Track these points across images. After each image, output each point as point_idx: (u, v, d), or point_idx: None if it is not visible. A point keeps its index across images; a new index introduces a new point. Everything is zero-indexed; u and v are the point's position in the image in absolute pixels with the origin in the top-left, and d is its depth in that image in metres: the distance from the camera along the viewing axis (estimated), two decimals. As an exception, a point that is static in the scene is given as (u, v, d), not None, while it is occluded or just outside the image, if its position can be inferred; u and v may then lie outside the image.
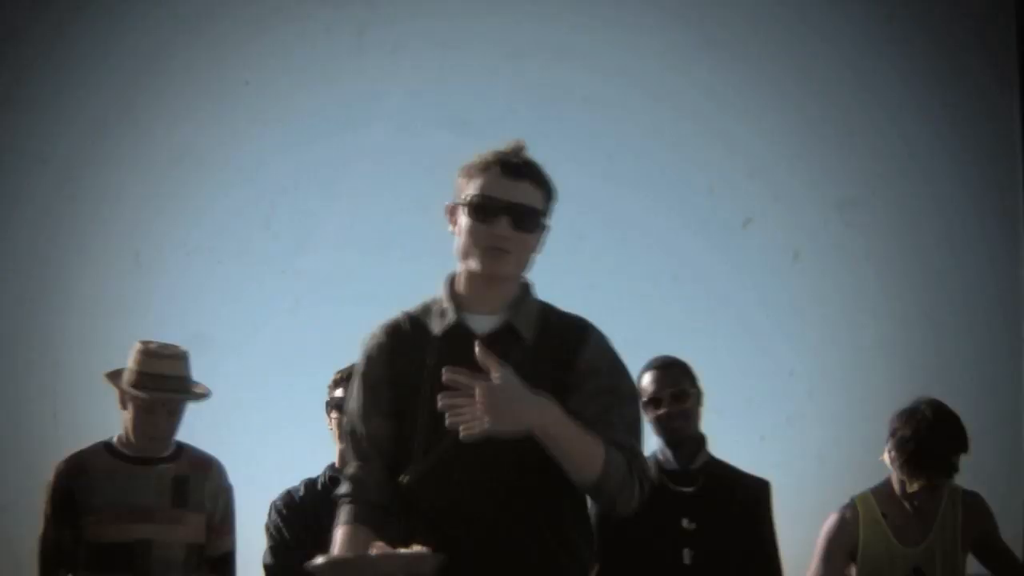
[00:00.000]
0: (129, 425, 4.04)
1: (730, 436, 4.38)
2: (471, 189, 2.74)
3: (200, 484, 4.07)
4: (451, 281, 2.81)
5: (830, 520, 3.93)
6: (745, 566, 3.81)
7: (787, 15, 5.82)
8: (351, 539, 2.66)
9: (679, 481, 3.88)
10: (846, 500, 3.99)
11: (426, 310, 2.81)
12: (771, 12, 5.83)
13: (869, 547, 3.84)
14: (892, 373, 5.29)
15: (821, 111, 5.88)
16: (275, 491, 3.98)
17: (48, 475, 4.00)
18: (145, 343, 4.10)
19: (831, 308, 5.92)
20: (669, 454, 3.95)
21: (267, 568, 3.85)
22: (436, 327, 2.75)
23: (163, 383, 4.03)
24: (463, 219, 2.73)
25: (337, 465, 3.81)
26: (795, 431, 5.35)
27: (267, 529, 3.90)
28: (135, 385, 4.01)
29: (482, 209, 2.71)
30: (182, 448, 4.13)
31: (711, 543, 3.78)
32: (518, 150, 2.80)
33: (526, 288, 2.83)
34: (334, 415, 3.91)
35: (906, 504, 3.79)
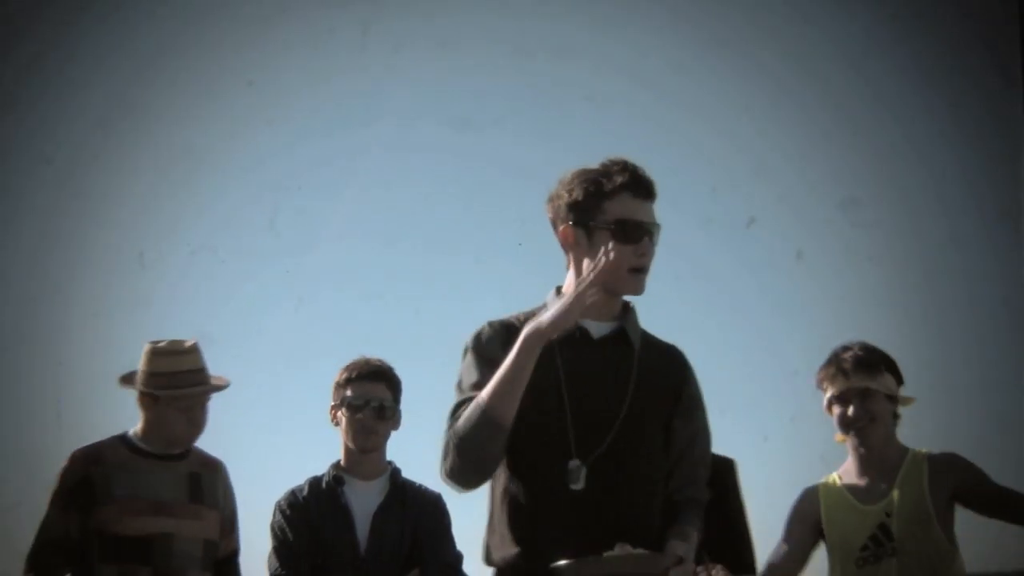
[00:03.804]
0: (160, 424, 4.03)
1: (733, 436, 4.38)
2: (614, 212, 2.85)
3: (212, 482, 4.09)
4: (557, 293, 2.97)
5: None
6: (715, 548, 3.79)
7: (791, 16, 5.82)
8: None
9: None
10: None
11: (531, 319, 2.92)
12: (774, 13, 5.83)
13: (831, 511, 3.82)
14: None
15: (824, 111, 5.89)
16: (279, 490, 3.99)
17: (62, 462, 3.99)
18: (155, 343, 4.10)
19: (834, 307, 5.93)
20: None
21: (271, 568, 3.86)
22: None
23: (194, 378, 4.05)
24: (604, 240, 2.82)
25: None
26: (798, 431, 5.35)
27: (272, 529, 3.90)
28: (169, 386, 4.01)
29: (629, 233, 2.84)
30: (190, 448, 4.14)
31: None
32: (639, 168, 2.91)
33: (627, 300, 3.01)
34: (342, 413, 3.92)
35: (859, 464, 3.76)
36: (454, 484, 2.81)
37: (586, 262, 2.82)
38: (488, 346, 2.89)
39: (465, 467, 2.76)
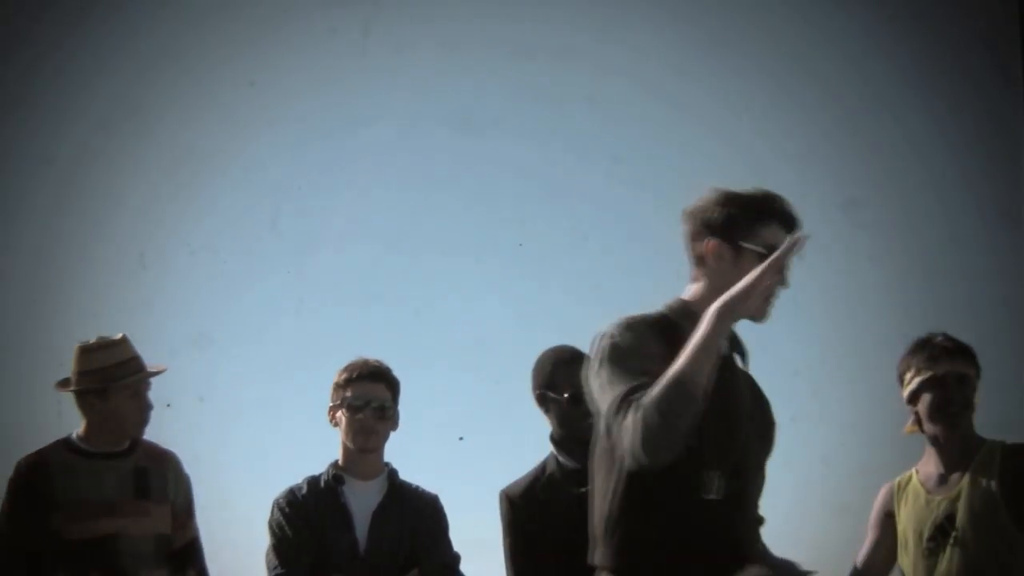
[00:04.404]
0: (113, 418, 4.04)
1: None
2: (766, 239, 2.95)
3: (160, 475, 4.09)
4: (684, 303, 3.02)
5: None
6: None
7: (791, 15, 5.82)
8: None
9: (583, 481, 3.84)
10: (849, 500, 3.99)
11: (667, 319, 3.00)
12: (775, 12, 5.84)
13: (903, 503, 3.82)
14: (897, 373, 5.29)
15: (824, 112, 5.89)
16: (277, 490, 3.99)
17: (10, 473, 4.00)
18: (84, 343, 4.12)
19: (836, 308, 5.92)
20: (563, 456, 3.91)
21: (269, 566, 3.86)
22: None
23: (136, 364, 4.07)
24: (751, 262, 2.90)
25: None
26: (798, 431, 5.34)
27: (269, 526, 3.91)
28: (116, 377, 4.02)
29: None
30: (137, 441, 4.14)
31: None
32: (786, 202, 3.02)
33: None
34: (342, 413, 3.93)
35: (938, 454, 3.74)
36: (648, 458, 2.74)
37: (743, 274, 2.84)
38: (640, 336, 2.91)
39: (661, 441, 2.72)
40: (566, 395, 3.84)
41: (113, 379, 4.04)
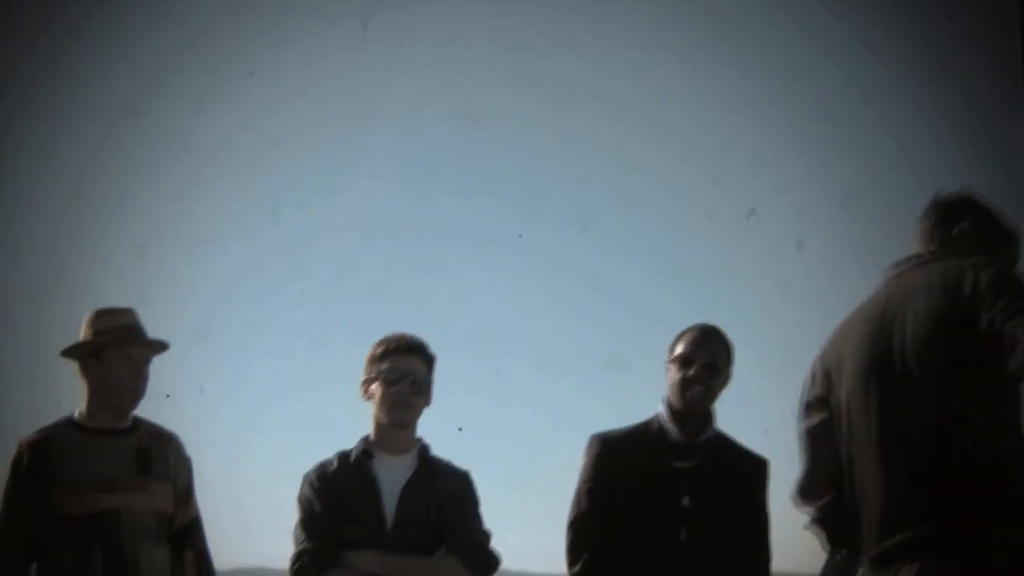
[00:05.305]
0: (106, 383, 4.05)
1: (734, 428, 4.37)
2: None
3: (162, 454, 4.09)
4: None
5: None
6: (737, 543, 3.81)
7: (791, 11, 5.82)
8: None
9: (681, 455, 3.86)
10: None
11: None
12: (775, 8, 5.83)
13: None
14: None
15: (825, 105, 5.88)
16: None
17: (12, 453, 4.00)
18: (95, 310, 4.13)
19: (835, 298, 5.92)
20: (675, 425, 3.92)
21: (297, 540, 3.84)
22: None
23: (136, 333, 4.08)
24: None
25: None
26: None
27: (299, 501, 3.88)
28: (114, 341, 4.03)
29: None
30: (139, 421, 4.15)
31: (707, 521, 3.79)
32: None
33: None
34: (376, 386, 3.85)
35: None
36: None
37: None
38: None
39: None
40: (692, 365, 3.86)
41: (108, 343, 4.05)
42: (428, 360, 3.90)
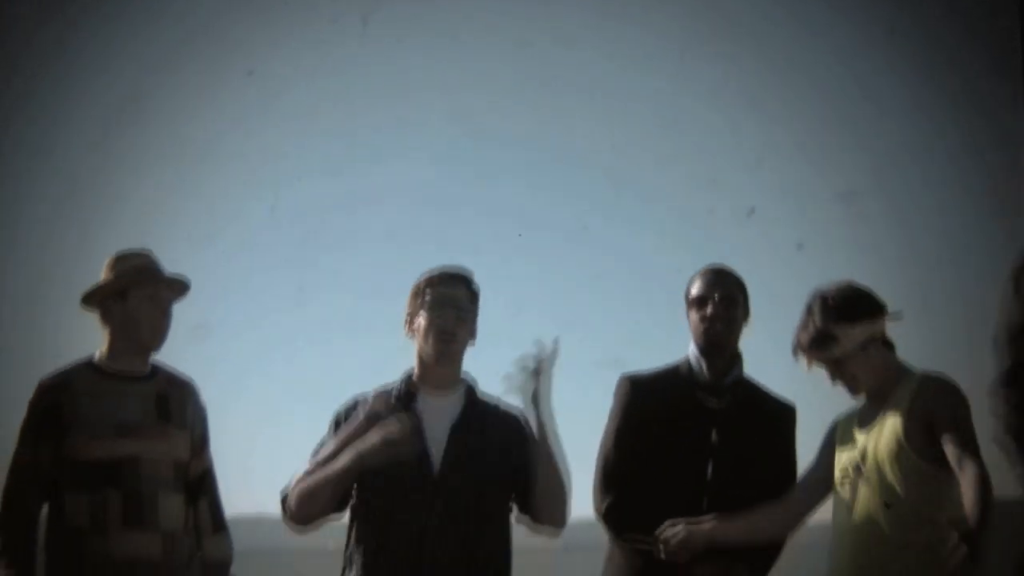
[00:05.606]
0: (130, 324, 4.03)
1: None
2: None
3: (181, 402, 4.09)
4: None
5: None
6: (762, 485, 3.81)
7: (791, 10, 5.82)
8: None
9: (710, 394, 3.87)
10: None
11: None
12: (776, 7, 5.83)
13: (840, 440, 3.86)
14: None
15: (825, 104, 5.89)
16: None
17: (31, 395, 3.98)
18: (115, 255, 4.12)
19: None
20: (704, 364, 3.93)
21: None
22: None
23: (160, 273, 4.08)
24: None
25: None
26: (799, 422, 5.37)
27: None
28: (138, 280, 4.01)
29: None
30: (158, 367, 4.14)
31: (734, 459, 3.80)
32: None
33: None
34: (420, 318, 3.71)
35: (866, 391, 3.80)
36: None
37: None
38: None
39: None
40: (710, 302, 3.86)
41: (132, 282, 4.04)
42: (472, 292, 3.75)
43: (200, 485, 4.12)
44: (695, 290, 3.95)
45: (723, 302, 3.89)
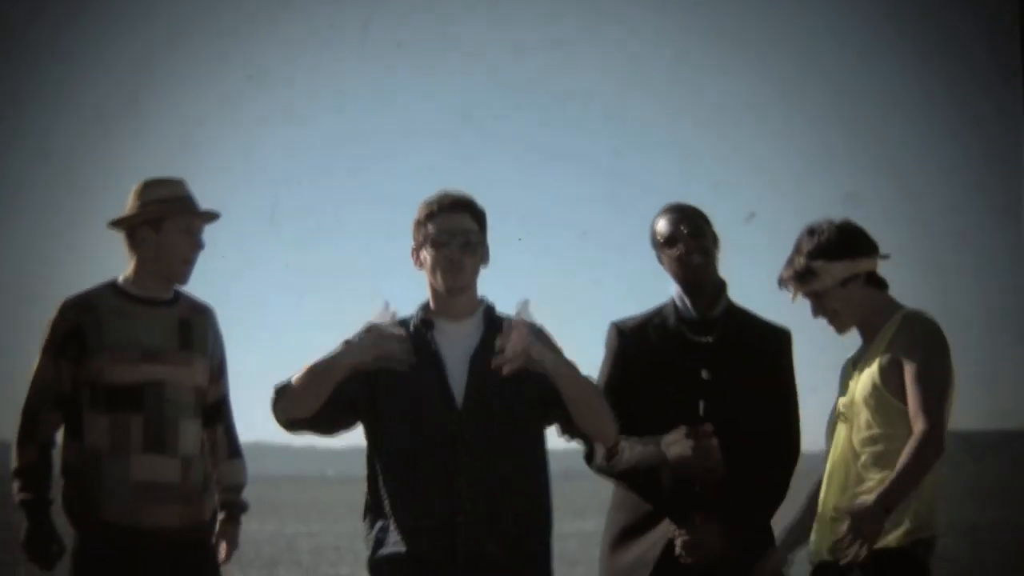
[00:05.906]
0: (164, 252, 4.02)
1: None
2: None
3: (202, 328, 4.11)
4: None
5: None
6: (760, 417, 3.81)
7: (791, 15, 5.81)
8: None
9: (697, 330, 3.86)
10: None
11: None
12: (776, 12, 5.83)
13: (844, 374, 3.91)
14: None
15: (825, 109, 5.89)
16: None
17: (52, 313, 3.96)
18: (145, 181, 4.09)
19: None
20: (687, 301, 3.92)
21: None
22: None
23: (195, 203, 4.08)
24: None
25: None
26: (801, 426, 5.37)
27: None
28: (176, 209, 4.00)
29: None
30: (179, 293, 4.15)
31: (727, 394, 3.80)
32: None
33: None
34: (426, 251, 3.68)
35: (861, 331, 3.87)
36: None
37: None
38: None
39: None
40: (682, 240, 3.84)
41: (171, 212, 4.04)
42: (478, 216, 3.72)
43: (217, 411, 4.16)
44: (661, 229, 3.95)
45: (693, 236, 3.89)
